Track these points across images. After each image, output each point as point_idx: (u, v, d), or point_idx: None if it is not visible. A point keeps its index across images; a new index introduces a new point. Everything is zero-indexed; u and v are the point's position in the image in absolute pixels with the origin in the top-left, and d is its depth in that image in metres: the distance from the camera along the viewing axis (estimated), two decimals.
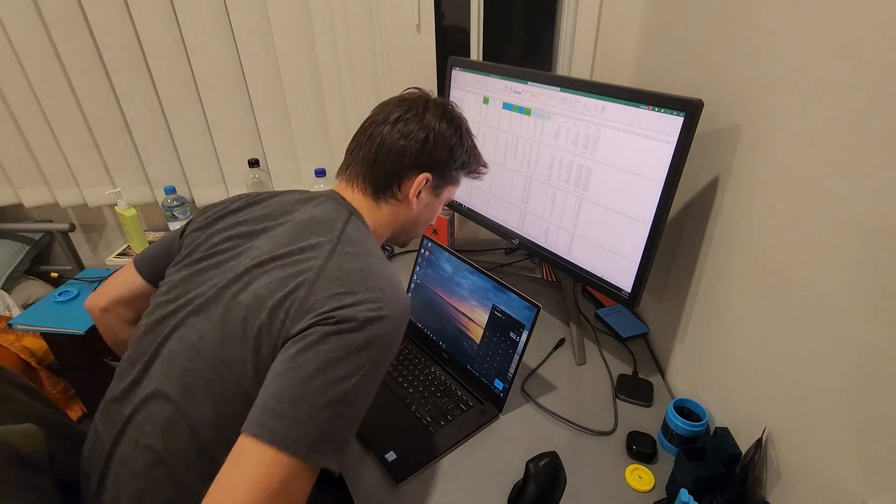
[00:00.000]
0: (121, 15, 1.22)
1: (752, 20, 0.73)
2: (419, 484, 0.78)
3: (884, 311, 0.51)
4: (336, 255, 0.63)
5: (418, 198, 0.76)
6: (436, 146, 0.74)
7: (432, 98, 0.77)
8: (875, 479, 0.53)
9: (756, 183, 0.72)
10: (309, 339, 0.56)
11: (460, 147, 0.77)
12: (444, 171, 0.77)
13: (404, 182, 0.74)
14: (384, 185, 0.73)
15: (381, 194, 0.74)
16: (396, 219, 0.77)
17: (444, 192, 0.80)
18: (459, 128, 0.77)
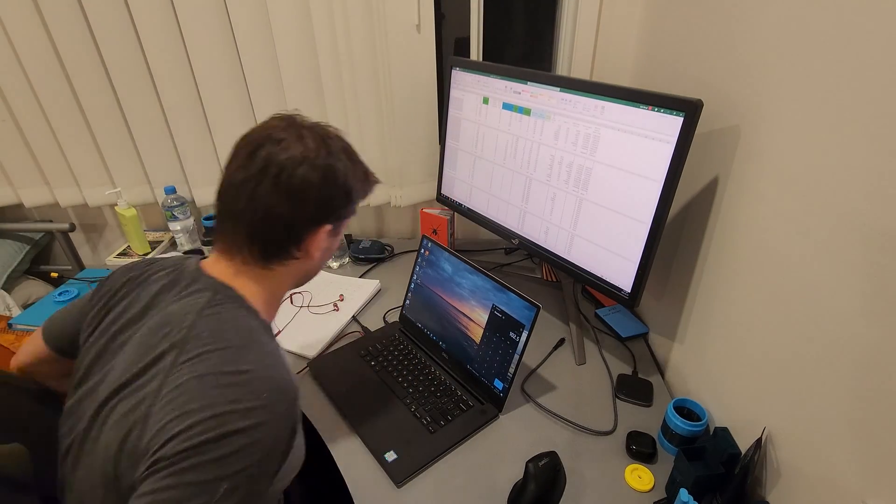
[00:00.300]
0: (121, 15, 1.22)
1: (751, 20, 0.73)
2: (419, 484, 0.78)
3: (883, 311, 0.51)
4: (175, 369, 0.53)
5: (321, 248, 0.67)
6: (331, 192, 0.63)
7: (305, 125, 0.64)
8: (875, 479, 0.53)
9: (756, 183, 0.72)
10: (145, 490, 0.48)
11: (354, 177, 0.66)
12: (344, 211, 0.67)
13: (304, 241, 0.64)
14: (276, 251, 0.63)
15: (274, 259, 0.64)
16: (296, 275, 0.69)
17: (343, 226, 0.70)
18: (347, 151, 0.66)
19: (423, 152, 1.39)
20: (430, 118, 1.34)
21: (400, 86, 1.26)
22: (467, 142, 1.21)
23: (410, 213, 1.53)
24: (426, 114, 1.33)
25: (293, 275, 0.68)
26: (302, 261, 0.66)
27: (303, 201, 0.61)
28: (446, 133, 1.26)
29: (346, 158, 0.65)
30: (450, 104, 1.23)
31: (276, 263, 0.64)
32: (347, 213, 0.68)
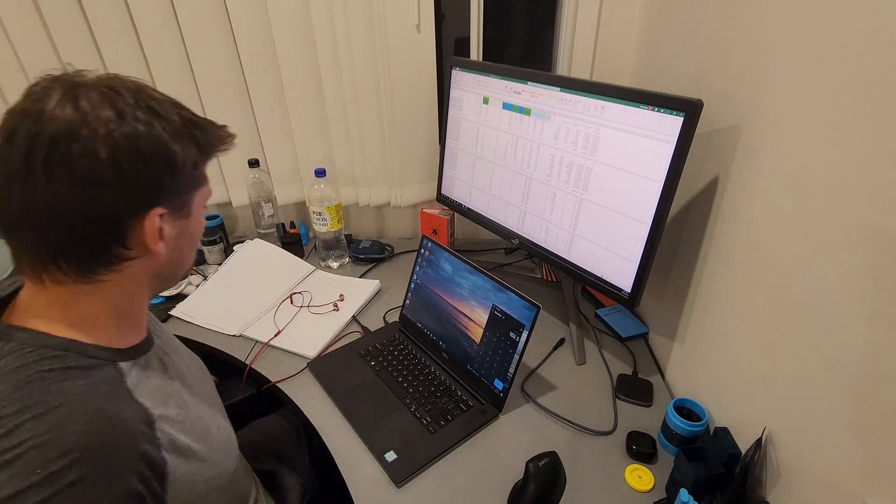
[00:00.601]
0: (121, 15, 1.22)
1: (752, 20, 0.73)
2: (419, 484, 0.78)
3: (883, 311, 0.51)
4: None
5: (162, 238, 0.52)
6: (136, 166, 0.47)
7: (81, 82, 0.48)
8: (875, 479, 0.53)
9: (756, 183, 0.72)
10: None
11: (172, 138, 0.50)
12: (173, 185, 0.51)
13: (128, 236, 0.49)
14: (92, 259, 0.49)
15: (97, 268, 0.50)
16: (145, 277, 0.54)
17: (192, 203, 0.56)
18: (150, 108, 0.49)
19: (423, 152, 1.39)
20: (430, 118, 1.34)
21: (400, 86, 1.26)
22: (467, 142, 1.20)
23: (410, 213, 1.53)
24: (426, 114, 1.33)
25: (140, 278, 0.54)
26: (143, 259, 0.52)
27: (97, 186, 0.45)
28: (446, 133, 1.26)
29: (150, 116, 0.48)
30: (450, 104, 1.23)
31: (104, 271, 0.50)
32: (180, 186, 0.52)
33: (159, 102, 0.51)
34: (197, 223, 0.58)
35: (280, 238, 1.42)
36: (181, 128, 0.51)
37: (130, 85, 0.50)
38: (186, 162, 0.52)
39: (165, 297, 1.20)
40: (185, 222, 0.55)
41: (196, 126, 0.53)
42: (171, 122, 0.50)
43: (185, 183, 0.53)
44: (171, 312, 1.14)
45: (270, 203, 1.43)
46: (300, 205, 1.53)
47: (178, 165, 0.51)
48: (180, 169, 0.51)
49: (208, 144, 0.55)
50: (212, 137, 0.56)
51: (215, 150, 0.57)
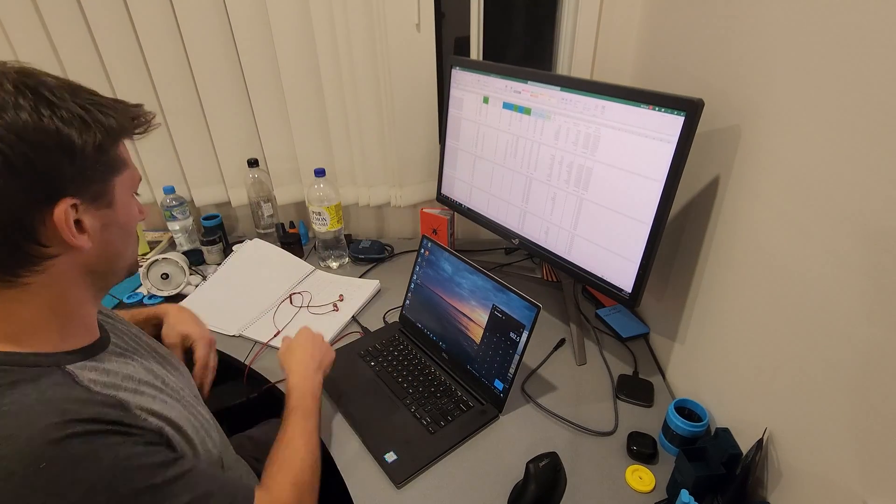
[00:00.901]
0: (120, 15, 1.21)
1: (752, 19, 0.73)
2: (419, 485, 0.77)
3: (884, 311, 0.51)
4: None
5: (83, 231, 0.49)
6: (26, 156, 0.44)
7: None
8: (876, 480, 0.52)
9: (757, 183, 0.72)
10: None
11: (63, 122, 0.46)
12: (75, 172, 0.48)
13: (40, 235, 0.47)
14: (12, 259, 0.47)
15: (15, 268, 0.47)
16: (77, 272, 0.52)
17: (113, 191, 0.52)
18: (32, 88, 0.45)
19: (423, 152, 1.38)
20: (430, 118, 1.34)
21: (400, 85, 1.26)
22: (467, 141, 1.20)
23: (410, 213, 1.53)
24: (426, 113, 1.33)
25: (70, 277, 0.51)
26: (67, 256, 0.50)
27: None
28: (446, 132, 1.26)
29: (35, 102, 0.45)
30: (450, 103, 1.22)
31: (25, 273, 0.48)
32: (89, 173, 0.49)
33: (47, 87, 0.47)
34: (125, 212, 0.55)
35: (279, 238, 1.42)
36: (77, 111, 0.47)
37: (12, 71, 0.46)
38: (87, 146, 0.48)
39: (164, 298, 1.20)
40: (109, 211, 0.52)
41: (98, 107, 0.49)
42: (61, 107, 0.47)
43: (94, 169, 0.50)
44: None
45: (270, 203, 1.43)
46: (300, 205, 1.53)
47: (77, 151, 0.47)
48: (81, 155, 0.48)
49: (116, 127, 0.51)
50: (120, 118, 0.51)
51: (127, 132, 0.53)
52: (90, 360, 0.54)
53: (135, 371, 0.57)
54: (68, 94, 0.48)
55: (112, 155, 0.52)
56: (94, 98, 0.50)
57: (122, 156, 0.54)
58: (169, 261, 1.19)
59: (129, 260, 0.59)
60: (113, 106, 0.51)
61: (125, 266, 0.58)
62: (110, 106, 0.51)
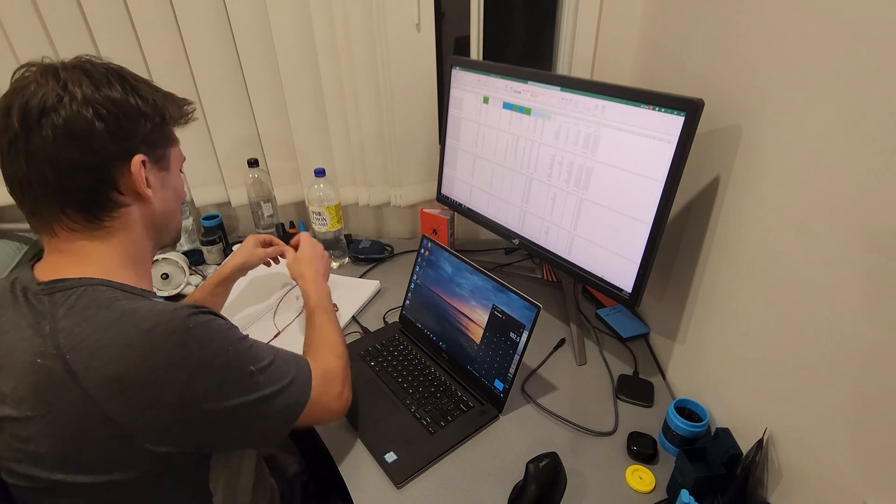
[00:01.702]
0: (120, 15, 1.21)
1: (753, 19, 0.73)
2: (419, 485, 0.77)
3: (885, 312, 0.51)
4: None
5: (150, 186, 0.61)
6: (115, 119, 0.56)
7: (58, 65, 0.58)
8: (876, 480, 0.52)
9: (757, 183, 0.72)
10: None
11: (139, 97, 0.60)
12: (150, 136, 0.61)
13: (118, 182, 0.58)
14: (93, 202, 0.58)
15: (100, 212, 0.58)
16: (143, 223, 0.63)
17: (169, 158, 0.66)
18: (120, 76, 0.59)
19: (423, 152, 1.38)
20: (429, 117, 1.34)
21: (400, 85, 1.26)
22: (467, 141, 1.20)
23: (410, 213, 1.53)
24: (426, 113, 1.33)
25: (139, 225, 0.63)
26: (137, 206, 0.61)
27: (85, 139, 0.55)
28: (446, 132, 1.26)
29: (121, 83, 0.58)
30: (450, 103, 1.22)
31: (106, 217, 0.59)
32: (156, 137, 0.62)
33: (129, 74, 0.61)
34: (177, 178, 0.68)
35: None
36: (150, 94, 0.61)
37: (102, 63, 0.60)
38: (156, 118, 0.61)
39: (164, 298, 1.20)
40: (166, 174, 0.65)
41: (162, 95, 0.63)
42: (140, 89, 0.60)
43: (161, 135, 0.63)
44: None
45: (270, 203, 1.43)
46: (300, 205, 1.53)
47: (149, 119, 0.60)
48: (152, 123, 0.60)
49: (172, 110, 0.64)
50: (174, 106, 0.65)
51: (177, 117, 0.66)
52: None
53: None
54: (142, 83, 0.61)
55: (169, 130, 0.65)
56: (159, 89, 0.64)
57: (174, 134, 0.67)
58: (169, 261, 1.19)
59: (178, 222, 0.71)
60: (171, 97, 0.65)
61: (176, 226, 0.71)
62: (169, 96, 0.65)
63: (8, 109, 0.54)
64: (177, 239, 0.73)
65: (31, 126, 0.53)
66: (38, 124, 0.53)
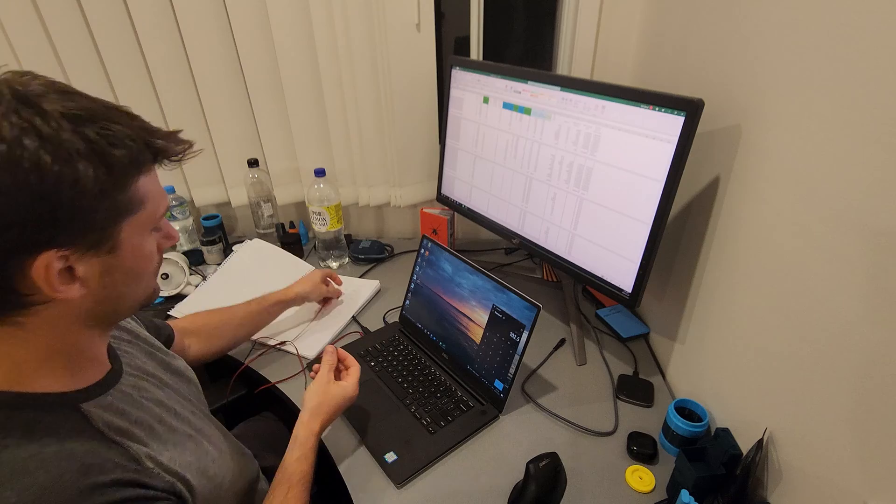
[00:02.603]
0: (120, 15, 1.21)
1: (753, 19, 0.73)
2: (419, 485, 0.77)
3: (885, 312, 0.51)
4: None
5: (74, 279, 0.44)
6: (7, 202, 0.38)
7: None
8: (876, 480, 0.52)
9: (757, 183, 0.72)
10: None
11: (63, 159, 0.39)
12: (80, 219, 0.41)
13: (19, 284, 0.41)
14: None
15: (6, 313, 0.43)
16: (73, 317, 0.47)
17: (119, 233, 0.45)
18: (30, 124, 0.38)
19: (423, 152, 1.38)
20: (430, 118, 1.34)
21: (400, 85, 1.26)
22: (467, 141, 1.20)
23: (410, 213, 1.53)
24: (426, 113, 1.33)
25: (67, 319, 0.47)
26: (57, 302, 0.44)
27: None
28: (446, 132, 1.26)
29: (19, 130, 0.38)
30: (450, 103, 1.22)
31: (16, 315, 0.44)
32: (81, 221, 0.42)
33: (44, 114, 0.39)
34: (133, 255, 0.47)
35: (279, 238, 1.42)
36: (75, 145, 0.39)
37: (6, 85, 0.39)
38: (83, 192, 0.40)
39: (164, 298, 1.19)
40: (111, 258, 0.46)
41: (107, 138, 0.41)
42: (54, 141, 0.39)
43: (92, 216, 0.42)
44: (169, 313, 1.14)
45: (270, 203, 1.43)
46: (300, 205, 1.53)
47: (66, 200, 0.39)
48: (72, 203, 0.40)
49: (128, 163, 0.43)
50: (137, 150, 0.44)
51: (145, 164, 0.46)
52: (104, 395, 0.52)
53: (147, 410, 0.56)
54: (68, 121, 0.39)
55: (121, 197, 0.44)
56: (108, 126, 0.42)
57: (138, 193, 0.45)
58: (169, 261, 1.19)
59: (137, 299, 0.52)
60: (130, 136, 0.43)
61: (132, 305, 0.52)
62: (124, 137, 0.43)
63: None
64: (146, 304, 0.54)
65: None
66: None
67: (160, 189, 0.50)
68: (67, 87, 0.43)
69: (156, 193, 0.48)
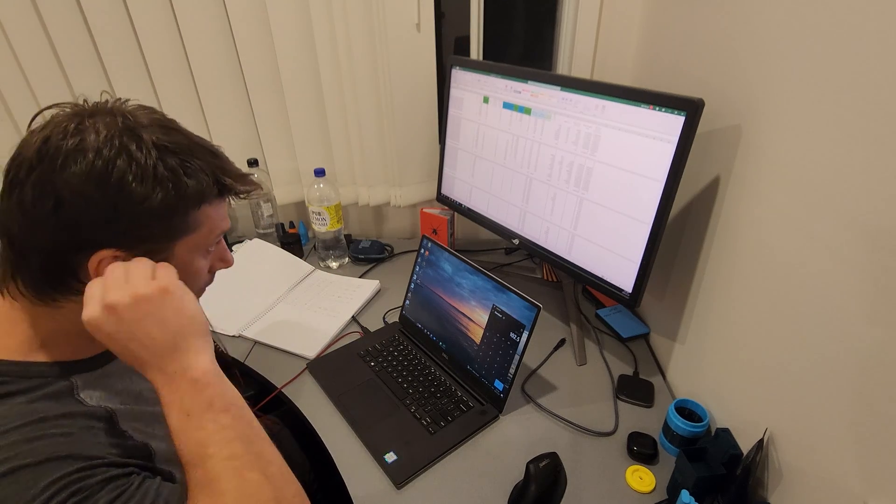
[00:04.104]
0: (120, 16, 1.21)
1: (753, 19, 0.73)
2: (419, 485, 0.77)
3: (885, 311, 0.50)
4: None
5: None
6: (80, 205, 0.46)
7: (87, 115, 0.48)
8: (877, 480, 0.52)
9: (757, 183, 0.72)
10: None
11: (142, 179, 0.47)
12: (137, 229, 0.49)
13: (79, 272, 0.49)
14: (49, 284, 0.50)
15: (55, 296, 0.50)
16: None
17: (172, 248, 0.52)
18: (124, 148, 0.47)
19: (423, 152, 1.38)
20: (429, 117, 1.34)
21: (400, 85, 1.26)
22: (467, 141, 1.20)
23: (410, 213, 1.53)
24: (426, 113, 1.33)
25: None
26: None
27: (38, 219, 0.46)
28: (446, 132, 1.26)
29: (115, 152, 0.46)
30: (450, 103, 1.22)
31: (62, 298, 0.50)
32: (137, 231, 0.49)
33: (142, 141, 0.47)
34: (182, 270, 0.52)
35: (279, 238, 1.42)
36: (156, 171, 0.48)
37: (120, 116, 0.48)
38: (143, 208, 0.47)
39: None
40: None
41: (184, 169, 0.49)
42: (141, 164, 0.47)
43: (148, 230, 0.49)
44: None
45: (270, 203, 1.43)
46: (299, 205, 1.53)
47: (127, 212, 0.47)
48: (132, 215, 0.47)
49: (193, 194, 0.50)
50: (204, 185, 0.51)
51: (209, 197, 0.52)
52: (98, 369, 0.55)
53: (137, 382, 0.59)
54: (157, 150, 0.48)
55: (180, 220, 0.51)
56: (188, 159, 0.50)
57: (199, 219, 0.52)
58: None
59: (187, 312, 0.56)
60: (204, 170, 0.51)
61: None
62: (199, 170, 0.50)
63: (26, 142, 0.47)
64: None
65: (6, 183, 0.46)
66: (9, 184, 0.46)
67: (223, 214, 0.57)
68: (172, 123, 0.52)
69: (217, 219, 0.55)
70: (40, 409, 0.47)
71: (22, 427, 0.45)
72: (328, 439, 0.84)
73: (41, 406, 0.48)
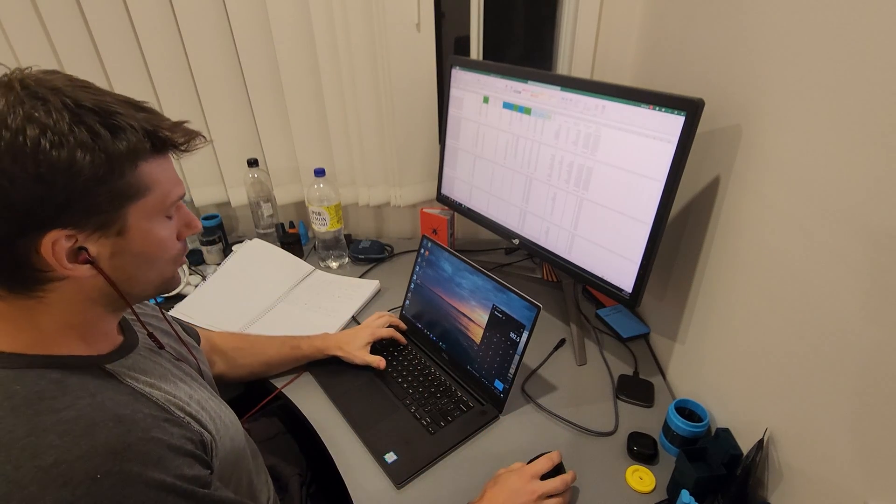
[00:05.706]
0: (120, 15, 1.21)
1: (753, 19, 0.73)
2: (419, 485, 0.77)
3: (885, 312, 0.50)
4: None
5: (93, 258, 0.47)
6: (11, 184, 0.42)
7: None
8: (877, 480, 0.52)
9: (757, 182, 0.72)
10: None
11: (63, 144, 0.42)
12: (82, 200, 0.45)
13: (34, 261, 0.45)
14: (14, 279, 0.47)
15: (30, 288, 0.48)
16: (86, 295, 0.50)
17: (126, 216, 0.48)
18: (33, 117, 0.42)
19: (423, 152, 1.38)
20: (429, 117, 1.34)
21: (400, 85, 1.26)
22: (467, 141, 1.20)
23: (410, 213, 1.53)
24: (426, 113, 1.33)
25: (83, 296, 0.50)
26: (70, 281, 0.48)
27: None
28: (446, 132, 1.26)
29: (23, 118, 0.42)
30: (450, 103, 1.22)
31: (37, 290, 0.48)
32: (84, 203, 0.45)
33: (47, 104, 0.43)
34: (143, 239, 0.50)
35: (279, 238, 1.42)
36: (77, 135, 0.43)
37: (18, 80, 0.44)
38: (80, 175, 0.43)
39: (164, 298, 1.19)
40: (120, 240, 0.49)
41: (109, 128, 0.45)
42: (55, 129, 0.42)
43: (95, 198, 0.45)
44: (169, 312, 1.14)
45: (269, 203, 1.43)
46: (299, 205, 1.53)
47: (64, 181, 0.43)
48: (72, 185, 0.43)
49: (126, 151, 0.46)
50: (137, 140, 0.46)
51: (146, 153, 0.48)
52: (125, 358, 0.55)
53: (164, 369, 0.59)
54: (69, 112, 0.43)
55: (121, 183, 0.46)
56: (110, 116, 0.45)
57: (142, 180, 0.48)
58: None
59: (151, 283, 0.55)
60: (132, 126, 0.46)
61: (145, 289, 0.55)
62: (126, 127, 0.46)
63: None
64: (164, 291, 0.58)
65: None
66: None
67: (172, 177, 0.52)
68: (87, 84, 0.47)
69: (166, 181, 0.51)
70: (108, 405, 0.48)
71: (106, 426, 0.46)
72: (328, 439, 0.84)
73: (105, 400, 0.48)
